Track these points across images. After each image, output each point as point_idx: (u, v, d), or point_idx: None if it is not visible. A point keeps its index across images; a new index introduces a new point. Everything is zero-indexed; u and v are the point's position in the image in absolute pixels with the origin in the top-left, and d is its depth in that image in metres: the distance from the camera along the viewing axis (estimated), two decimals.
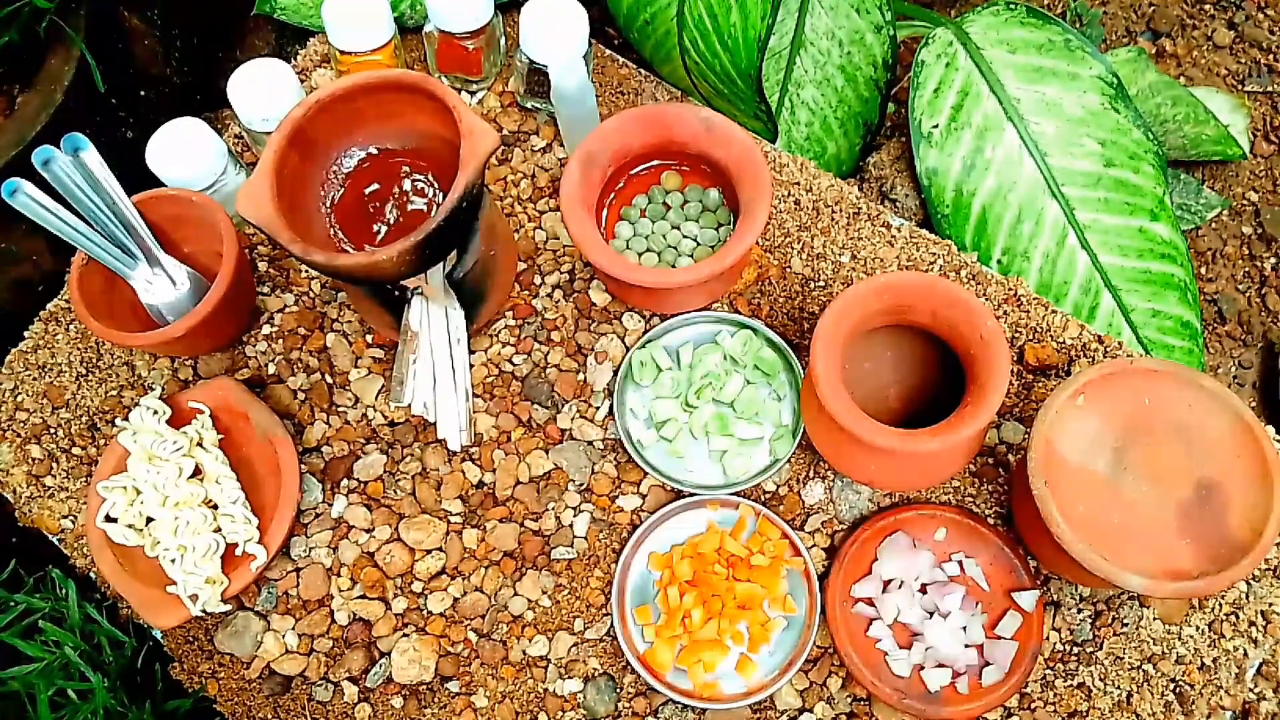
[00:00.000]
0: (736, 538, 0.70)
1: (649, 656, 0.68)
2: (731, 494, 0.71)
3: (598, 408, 0.75)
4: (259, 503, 0.71)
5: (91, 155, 0.68)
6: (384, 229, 0.72)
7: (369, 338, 0.79)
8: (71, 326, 0.82)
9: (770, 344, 0.74)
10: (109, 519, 0.70)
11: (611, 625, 0.70)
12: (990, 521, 0.70)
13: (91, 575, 0.76)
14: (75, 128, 0.71)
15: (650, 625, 0.69)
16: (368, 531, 0.73)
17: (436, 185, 0.71)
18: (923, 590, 0.68)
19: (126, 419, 0.72)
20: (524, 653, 0.70)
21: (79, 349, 0.81)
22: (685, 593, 0.68)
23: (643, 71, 0.88)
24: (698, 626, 0.67)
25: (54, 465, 0.78)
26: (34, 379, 0.80)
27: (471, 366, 0.76)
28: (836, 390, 0.61)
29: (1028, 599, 0.67)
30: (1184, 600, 0.68)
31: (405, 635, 0.71)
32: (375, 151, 0.70)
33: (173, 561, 0.68)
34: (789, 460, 0.73)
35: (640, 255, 0.75)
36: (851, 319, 0.64)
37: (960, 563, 0.69)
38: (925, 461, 0.65)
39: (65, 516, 0.76)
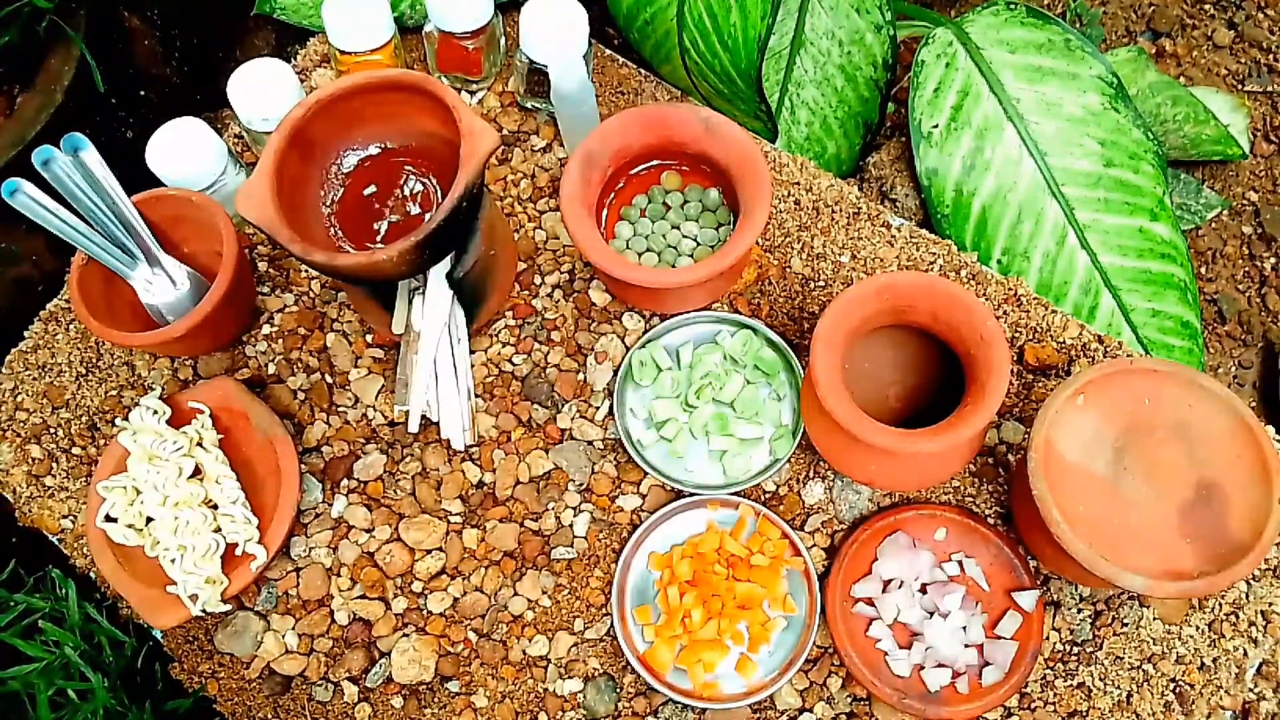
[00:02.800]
0: (736, 538, 0.70)
1: (649, 656, 0.68)
2: (731, 494, 0.71)
3: (598, 408, 0.75)
4: (259, 503, 0.71)
5: (91, 155, 0.68)
6: (384, 229, 0.71)
7: (369, 338, 0.79)
8: (71, 326, 0.82)
9: (770, 344, 0.74)
10: (109, 519, 0.70)
11: (611, 625, 0.70)
12: (990, 521, 0.70)
13: (91, 575, 0.76)
14: (75, 128, 0.71)
15: (650, 625, 0.69)
16: (368, 531, 0.73)
17: (437, 185, 0.71)
18: (923, 590, 0.68)
19: (126, 419, 0.72)
20: (524, 653, 0.70)
21: (79, 349, 0.81)
22: (685, 593, 0.68)
23: (643, 71, 0.88)
24: (698, 626, 0.67)
25: (54, 465, 0.78)
26: (34, 379, 0.80)
27: (472, 366, 0.76)
28: (836, 390, 0.61)
29: (1027, 599, 0.67)
30: (1184, 600, 0.68)
31: (405, 635, 0.71)
32: (375, 151, 0.70)
33: (173, 561, 0.68)
34: (789, 460, 0.73)
35: (640, 255, 0.75)
36: (852, 319, 0.64)
37: (960, 563, 0.69)
38: (925, 461, 0.65)
39: (65, 516, 0.76)
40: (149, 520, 0.70)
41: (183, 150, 0.75)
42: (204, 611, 0.68)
